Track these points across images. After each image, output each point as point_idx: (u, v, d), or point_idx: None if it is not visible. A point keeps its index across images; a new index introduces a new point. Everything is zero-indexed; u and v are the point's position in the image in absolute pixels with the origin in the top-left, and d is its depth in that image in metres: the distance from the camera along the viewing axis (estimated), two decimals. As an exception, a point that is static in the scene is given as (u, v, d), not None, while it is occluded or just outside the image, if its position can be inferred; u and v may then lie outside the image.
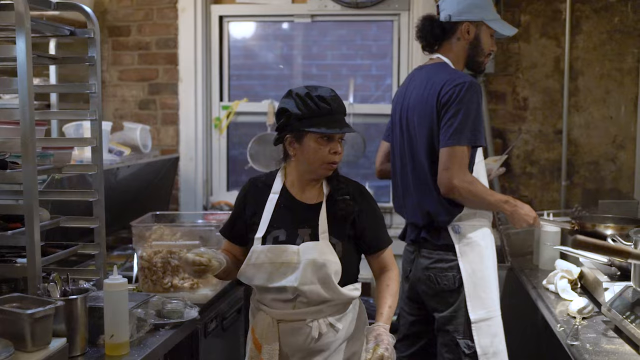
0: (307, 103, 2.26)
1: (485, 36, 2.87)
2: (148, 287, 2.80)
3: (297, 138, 2.29)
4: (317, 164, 2.31)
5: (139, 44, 4.44)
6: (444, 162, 2.69)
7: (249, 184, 2.47)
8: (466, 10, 2.84)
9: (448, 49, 2.89)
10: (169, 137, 4.48)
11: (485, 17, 2.85)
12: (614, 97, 4.09)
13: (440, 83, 2.73)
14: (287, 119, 2.28)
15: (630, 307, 2.30)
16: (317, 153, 2.28)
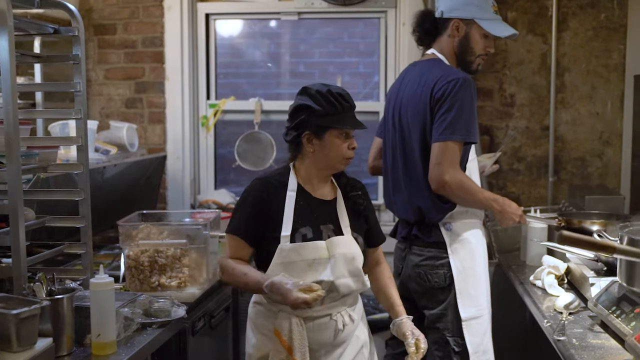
0: (329, 100, 2.31)
1: (475, 35, 2.84)
2: (135, 286, 2.78)
3: (317, 134, 2.34)
4: (337, 160, 2.37)
5: (125, 42, 4.42)
6: (435, 157, 2.69)
7: (264, 182, 2.41)
8: (458, 7, 2.83)
9: (441, 45, 2.89)
10: (156, 136, 4.46)
11: (477, 16, 2.83)
12: (600, 93, 4.11)
13: (434, 79, 2.72)
14: (308, 116, 2.32)
15: (616, 302, 2.31)
16: (338, 149, 2.34)
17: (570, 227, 3.06)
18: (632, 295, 2.25)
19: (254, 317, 2.44)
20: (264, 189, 2.39)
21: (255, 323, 2.43)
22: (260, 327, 2.41)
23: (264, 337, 2.39)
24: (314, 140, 2.35)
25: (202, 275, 2.88)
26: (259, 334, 2.41)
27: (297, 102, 2.37)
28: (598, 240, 1.93)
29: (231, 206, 4.33)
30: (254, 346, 2.42)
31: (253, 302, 2.47)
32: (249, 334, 2.48)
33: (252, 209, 2.37)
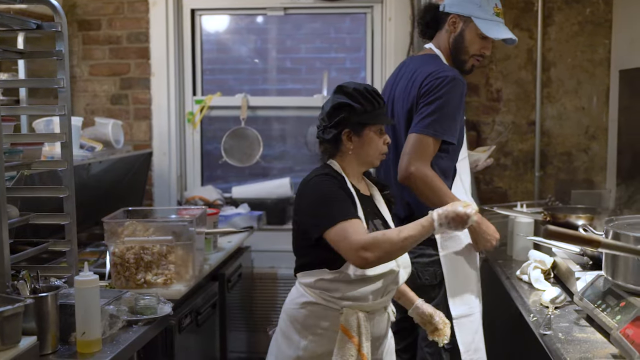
0: (367, 98, 2.34)
1: (470, 34, 2.81)
2: (121, 283, 2.77)
3: (357, 132, 2.35)
4: (374, 155, 2.40)
5: (110, 38, 4.39)
6: (406, 147, 2.68)
7: (329, 177, 2.34)
8: (459, 2, 2.80)
9: (439, 40, 2.87)
10: (141, 132, 4.44)
11: (475, 14, 2.79)
12: (585, 88, 4.12)
13: (425, 74, 2.70)
14: (348, 114, 2.33)
15: (602, 296, 2.32)
16: (376, 144, 2.38)
17: (556, 222, 3.08)
18: (617, 289, 2.26)
19: (304, 319, 2.35)
20: (334, 181, 2.34)
21: (306, 324, 2.35)
22: (312, 327, 2.34)
23: (318, 336, 2.33)
24: (353, 138, 2.36)
25: (188, 272, 2.87)
26: (310, 334, 2.34)
27: (335, 100, 2.36)
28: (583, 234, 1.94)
29: (218, 202, 4.32)
30: (305, 348, 2.34)
31: (302, 303, 2.36)
32: (292, 337, 2.37)
33: (343, 195, 2.31)
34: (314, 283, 2.32)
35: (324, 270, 2.30)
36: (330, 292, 2.30)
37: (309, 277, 2.34)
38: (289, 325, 2.38)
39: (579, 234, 1.89)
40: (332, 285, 2.30)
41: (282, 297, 4.37)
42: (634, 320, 2.01)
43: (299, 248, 2.41)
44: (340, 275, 2.28)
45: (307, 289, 2.35)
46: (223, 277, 3.46)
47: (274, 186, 4.45)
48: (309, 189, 2.33)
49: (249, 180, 4.60)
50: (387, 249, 2.17)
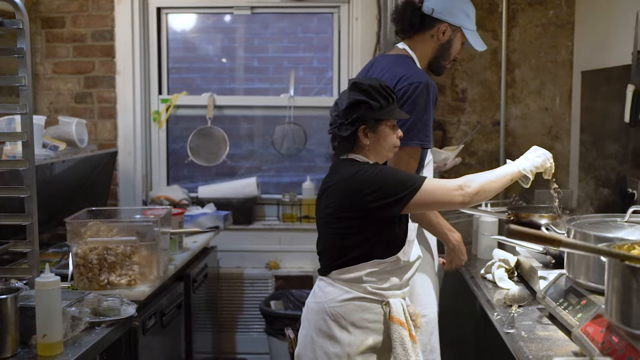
0: (382, 94, 2.38)
1: (457, 43, 2.83)
2: (84, 284, 2.73)
3: (373, 128, 2.39)
4: (388, 149, 2.45)
5: (74, 35, 4.33)
6: (400, 161, 2.66)
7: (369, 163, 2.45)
8: (452, 11, 2.77)
9: (418, 42, 2.82)
10: (106, 131, 4.39)
11: (465, 26, 2.81)
12: (549, 88, 4.18)
13: (397, 77, 2.67)
14: (365, 111, 2.36)
15: (564, 294, 2.35)
16: (390, 139, 2.43)
17: (520, 221, 3.11)
18: (578, 287, 2.29)
19: (350, 314, 2.36)
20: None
21: (352, 319, 2.35)
22: (359, 322, 2.36)
23: (365, 330, 2.36)
24: (369, 134, 2.39)
25: (152, 272, 2.84)
26: (357, 329, 2.36)
27: (352, 97, 2.38)
28: (544, 233, 1.95)
29: (184, 202, 4.29)
30: (352, 343, 2.35)
31: (346, 299, 2.36)
32: (335, 334, 2.36)
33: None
34: (363, 277, 2.36)
35: (374, 262, 2.35)
36: (378, 284, 2.37)
37: (356, 271, 2.36)
38: (332, 324, 2.37)
39: (541, 233, 1.90)
40: (381, 275, 2.37)
41: (249, 296, 4.39)
42: (594, 318, 2.03)
43: (347, 246, 2.38)
44: (389, 264, 2.37)
45: (351, 284, 2.37)
46: (188, 278, 3.44)
47: (240, 186, 4.43)
48: (367, 177, 2.33)
49: (216, 179, 4.58)
50: (483, 183, 2.40)
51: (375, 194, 2.31)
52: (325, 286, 2.42)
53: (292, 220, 4.43)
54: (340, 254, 2.39)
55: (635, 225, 2.31)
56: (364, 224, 2.35)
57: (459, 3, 2.80)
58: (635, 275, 1.71)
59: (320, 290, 2.43)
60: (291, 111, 4.39)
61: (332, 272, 2.40)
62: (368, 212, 2.33)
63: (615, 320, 1.80)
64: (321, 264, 2.46)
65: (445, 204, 2.39)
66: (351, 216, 2.35)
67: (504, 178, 2.45)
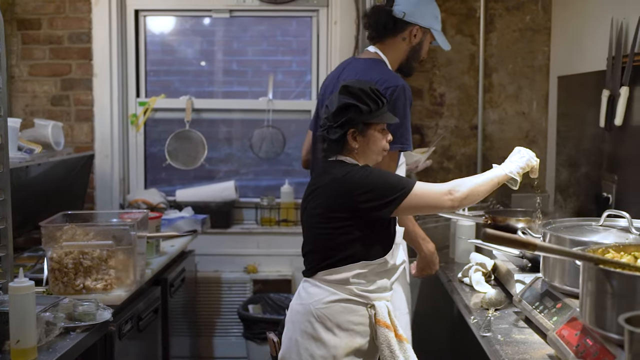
0: (372, 98, 2.39)
1: (426, 44, 2.91)
2: (59, 289, 2.71)
3: (362, 131, 2.40)
4: (377, 153, 2.47)
5: (51, 37, 4.29)
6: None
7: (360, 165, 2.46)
8: (421, 13, 2.84)
9: (390, 45, 2.87)
10: (83, 134, 4.35)
11: (434, 27, 2.89)
12: (526, 93, 4.21)
13: (373, 81, 2.65)
14: (354, 114, 2.37)
15: (540, 297, 2.37)
16: (380, 142, 2.45)
17: (497, 225, 3.13)
18: (554, 290, 2.31)
19: (336, 316, 2.36)
20: None
21: (338, 321, 2.36)
22: (345, 323, 2.36)
23: (351, 332, 2.37)
24: (358, 137, 2.41)
25: (129, 276, 2.82)
26: (342, 331, 2.36)
27: (341, 101, 2.38)
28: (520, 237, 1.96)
29: (161, 205, 4.27)
30: (337, 346, 2.35)
31: (332, 300, 2.37)
32: (322, 337, 2.36)
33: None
34: (350, 279, 2.36)
35: (362, 263, 2.36)
36: (365, 285, 2.38)
37: (343, 272, 2.36)
38: (318, 325, 2.37)
39: (516, 237, 1.92)
40: (368, 277, 2.38)
41: (226, 301, 4.37)
42: (569, 321, 2.05)
43: (335, 247, 2.38)
44: (377, 266, 2.38)
45: (337, 286, 2.37)
46: (166, 282, 3.42)
47: (218, 189, 4.41)
48: (359, 178, 2.35)
49: (194, 183, 4.56)
50: (471, 187, 2.39)
51: (367, 196, 2.33)
52: (310, 287, 2.42)
53: (271, 224, 4.42)
54: (328, 254, 2.39)
55: (610, 229, 2.34)
56: (353, 225, 2.35)
57: (428, 5, 2.88)
58: (609, 279, 1.72)
59: (305, 292, 2.42)
60: (270, 114, 4.38)
61: (319, 273, 2.40)
62: (358, 213, 2.34)
63: (590, 323, 1.81)
64: (306, 265, 2.46)
65: (435, 207, 2.42)
66: (341, 216, 2.36)
67: (491, 181, 2.46)
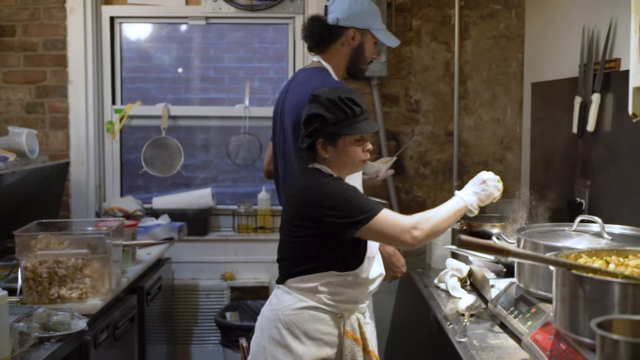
0: (339, 107, 2.34)
1: (369, 44, 2.92)
2: (33, 299, 2.68)
3: (332, 141, 2.37)
4: (352, 163, 2.42)
5: (25, 44, 4.25)
6: None
7: (333, 177, 2.40)
8: (354, 16, 2.87)
9: (332, 53, 2.92)
10: (58, 142, 4.32)
11: (372, 26, 2.91)
12: (500, 100, 4.26)
13: (311, 90, 2.69)
14: (321, 124, 2.34)
15: (514, 302, 2.39)
16: (353, 153, 2.39)
17: (472, 230, 3.16)
18: (528, 295, 2.33)
19: (303, 324, 2.34)
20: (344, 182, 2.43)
21: (305, 329, 2.33)
22: (312, 332, 2.34)
23: (319, 341, 2.34)
24: (329, 147, 2.38)
25: (104, 285, 2.80)
26: (309, 339, 2.33)
27: (308, 110, 2.38)
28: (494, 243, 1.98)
29: (138, 213, 4.24)
30: (304, 354, 2.32)
31: (300, 307, 2.35)
32: (289, 344, 2.33)
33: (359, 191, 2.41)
34: (318, 287, 2.34)
35: (331, 272, 2.34)
36: (334, 296, 2.35)
37: (312, 281, 2.35)
38: (285, 332, 2.34)
39: (490, 244, 1.94)
40: (338, 288, 2.35)
41: (204, 308, 4.35)
42: (543, 325, 2.07)
43: (303, 255, 2.37)
44: (347, 278, 2.35)
45: (306, 293, 2.35)
46: (142, 290, 3.40)
47: (195, 197, 4.40)
48: (332, 191, 2.32)
49: (171, 190, 4.54)
50: (433, 225, 2.30)
51: (331, 210, 2.29)
52: (281, 294, 2.41)
53: (248, 231, 4.41)
54: (297, 262, 2.38)
55: (583, 234, 2.36)
56: (319, 235, 2.33)
57: (361, 6, 2.89)
58: (582, 284, 1.75)
59: (276, 298, 2.42)
60: (246, 122, 4.38)
61: (289, 280, 2.39)
62: (322, 225, 2.32)
63: (563, 327, 1.84)
64: (279, 271, 2.45)
65: (393, 240, 2.33)
66: (307, 225, 2.34)
67: (454, 216, 2.35)
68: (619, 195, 2.86)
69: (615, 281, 1.70)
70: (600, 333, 1.47)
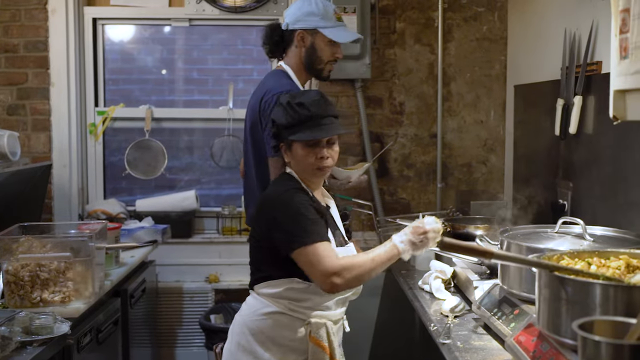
0: (288, 111, 2.31)
1: (321, 44, 2.95)
2: (15, 302, 2.66)
3: (289, 146, 2.34)
4: (306, 171, 2.35)
5: (6, 46, 4.22)
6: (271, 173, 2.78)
7: (299, 191, 2.32)
8: (301, 18, 2.94)
9: (290, 57, 3.00)
10: (40, 144, 4.28)
11: (320, 25, 2.95)
12: (484, 102, 4.28)
13: (264, 91, 2.83)
14: (277, 129, 2.33)
15: (498, 304, 2.40)
16: (306, 160, 2.32)
17: (456, 232, 3.17)
18: (511, 297, 2.34)
19: (269, 329, 2.31)
20: (306, 197, 2.32)
21: (271, 335, 2.30)
22: (278, 338, 2.30)
23: (285, 348, 2.31)
24: (287, 152, 2.36)
25: (87, 288, 2.78)
26: (276, 346, 2.30)
27: (272, 114, 2.39)
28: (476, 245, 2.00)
29: (121, 216, 4.22)
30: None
31: (266, 313, 2.31)
32: (255, 350, 2.31)
33: (314, 214, 2.28)
34: (282, 293, 2.30)
35: (294, 279, 2.28)
36: (299, 302, 2.30)
37: (276, 287, 2.31)
38: (251, 339, 2.32)
39: (473, 246, 1.95)
40: (302, 295, 2.30)
41: (188, 311, 4.34)
42: (526, 327, 2.09)
43: (263, 262, 2.35)
44: (311, 287, 2.28)
45: (271, 299, 2.32)
46: (126, 293, 3.38)
47: (179, 199, 4.38)
48: (282, 204, 2.28)
49: (155, 192, 4.52)
50: (357, 274, 2.20)
51: (275, 225, 2.27)
52: (250, 300, 2.41)
53: (232, 233, 4.40)
54: (260, 268, 2.37)
55: (565, 236, 2.38)
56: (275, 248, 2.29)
57: (308, 7, 2.95)
58: (564, 285, 1.76)
59: (246, 304, 2.41)
60: (230, 123, 4.37)
61: (256, 286, 2.38)
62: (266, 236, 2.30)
63: (546, 329, 1.85)
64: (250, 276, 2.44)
65: (314, 278, 2.23)
66: (262, 233, 2.34)
67: (384, 264, 2.25)
68: (601, 197, 2.89)
69: (597, 283, 1.72)
70: (582, 334, 1.49)
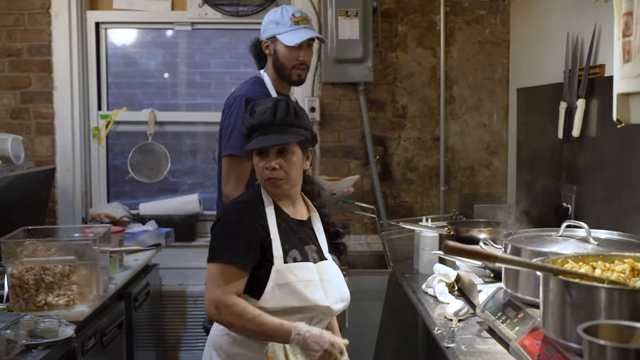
0: (245, 119, 2.28)
1: (282, 50, 3.03)
2: (20, 306, 2.66)
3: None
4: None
5: (10, 50, 4.23)
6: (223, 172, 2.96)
7: (248, 204, 2.25)
8: (265, 28, 3.09)
9: (267, 66, 3.11)
10: (44, 148, 4.29)
11: (276, 32, 3.04)
12: (486, 105, 4.28)
13: (235, 96, 2.99)
14: (245, 137, 2.31)
15: (502, 307, 2.40)
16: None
17: (459, 236, 3.17)
18: (516, 300, 2.34)
19: (227, 346, 2.24)
20: (252, 210, 2.22)
21: (229, 353, 2.23)
22: (235, 356, 2.23)
23: None
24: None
25: (92, 292, 2.78)
26: None
27: None
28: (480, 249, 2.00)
29: (124, 219, 4.23)
30: None
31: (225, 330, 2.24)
32: None
33: (245, 233, 2.19)
34: None
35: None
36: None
37: None
38: (214, 355, 2.27)
39: (477, 249, 1.95)
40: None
41: (192, 314, 4.34)
42: (531, 331, 2.09)
43: None
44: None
45: None
46: (130, 296, 3.38)
47: (182, 202, 4.39)
48: (222, 213, 2.29)
49: (158, 196, 4.52)
50: (231, 321, 2.15)
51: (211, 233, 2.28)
52: None
53: (235, 237, 4.40)
54: None
55: (569, 239, 2.38)
56: None
57: (269, 17, 3.10)
58: (568, 289, 1.76)
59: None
60: (231, 127, 4.37)
61: None
62: None
63: (550, 333, 1.85)
64: None
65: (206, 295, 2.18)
66: None
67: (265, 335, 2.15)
68: (605, 200, 2.89)
69: (602, 286, 1.72)
70: (587, 338, 1.49)
